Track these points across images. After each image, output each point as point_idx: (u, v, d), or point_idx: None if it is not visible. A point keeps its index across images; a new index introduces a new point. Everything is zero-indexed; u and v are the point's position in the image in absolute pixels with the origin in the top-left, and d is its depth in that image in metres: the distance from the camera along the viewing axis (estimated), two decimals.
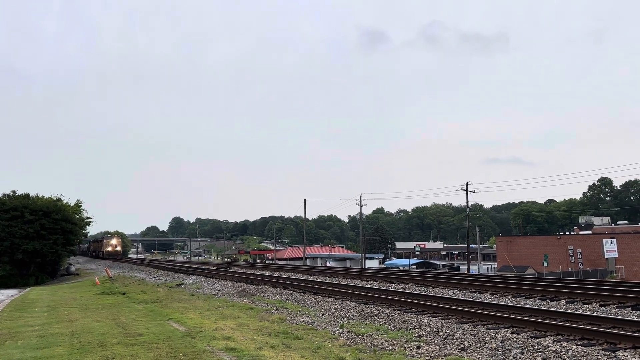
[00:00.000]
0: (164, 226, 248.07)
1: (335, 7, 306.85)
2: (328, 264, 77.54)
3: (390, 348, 9.46)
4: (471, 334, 10.11)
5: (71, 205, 47.85)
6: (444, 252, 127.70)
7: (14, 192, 44.51)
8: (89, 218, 52.05)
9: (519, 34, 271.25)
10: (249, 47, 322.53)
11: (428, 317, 12.29)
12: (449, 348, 9.38)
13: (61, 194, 47.33)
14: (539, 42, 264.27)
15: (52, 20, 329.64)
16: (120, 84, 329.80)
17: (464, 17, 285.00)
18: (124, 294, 22.56)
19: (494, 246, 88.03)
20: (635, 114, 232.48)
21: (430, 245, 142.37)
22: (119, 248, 73.14)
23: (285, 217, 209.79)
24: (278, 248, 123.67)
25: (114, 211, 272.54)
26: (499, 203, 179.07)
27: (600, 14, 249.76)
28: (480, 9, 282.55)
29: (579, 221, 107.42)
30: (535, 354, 8.51)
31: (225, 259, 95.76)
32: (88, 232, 63.12)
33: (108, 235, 74.68)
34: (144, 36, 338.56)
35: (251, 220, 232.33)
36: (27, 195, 44.14)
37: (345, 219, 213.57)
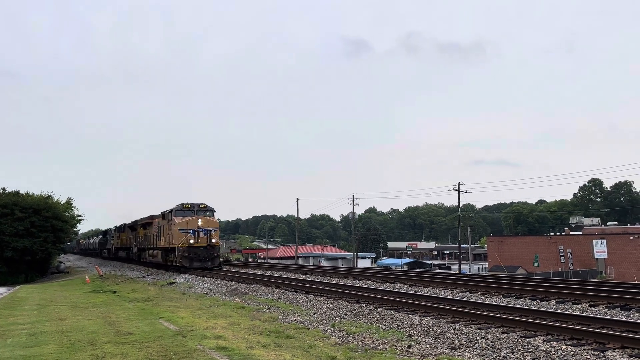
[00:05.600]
0: None
1: (321, 17, 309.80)
2: (320, 263, 77.58)
3: (382, 347, 9.48)
4: (462, 334, 10.15)
5: (62, 203, 47.54)
6: (436, 252, 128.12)
7: (3, 189, 44.14)
8: (80, 216, 51.78)
9: (495, 44, 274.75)
10: (242, 47, 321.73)
11: (419, 316, 12.32)
12: (440, 347, 9.41)
13: (52, 192, 47.06)
14: (517, 50, 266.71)
15: (45, 18, 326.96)
16: (113, 83, 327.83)
17: (438, 28, 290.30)
18: (114, 292, 22.44)
19: (485, 246, 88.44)
20: (615, 117, 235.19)
21: (422, 245, 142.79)
22: (215, 240, 32.36)
23: (278, 216, 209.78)
24: (270, 247, 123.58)
25: (105, 210, 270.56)
26: (490, 203, 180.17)
27: (577, 24, 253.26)
28: (454, 20, 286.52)
29: (570, 222, 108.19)
30: (525, 354, 8.56)
31: None
32: (79, 230, 62.59)
33: (184, 208, 32.85)
34: (137, 35, 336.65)
35: (243, 219, 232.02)
36: (17, 193, 43.77)
37: (338, 219, 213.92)
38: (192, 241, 31.12)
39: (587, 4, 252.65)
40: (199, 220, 31.71)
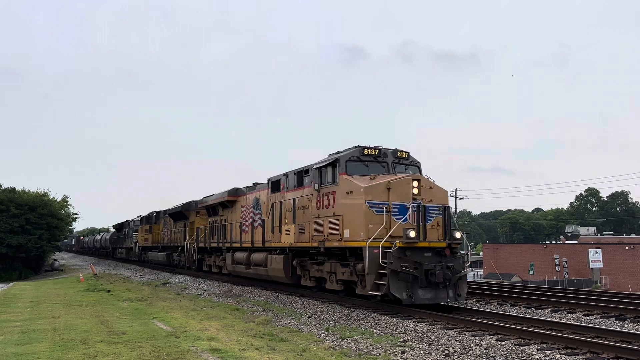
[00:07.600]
0: None
1: (319, 22, 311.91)
2: None
3: (375, 352, 9.46)
4: (456, 340, 10.13)
5: (57, 200, 47.45)
6: None
7: None
8: (76, 214, 51.73)
9: (490, 53, 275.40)
10: (242, 47, 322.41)
11: (414, 322, 12.29)
12: (434, 354, 9.39)
13: (48, 189, 46.98)
14: (513, 60, 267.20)
15: (44, 16, 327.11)
16: (112, 82, 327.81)
17: (434, 37, 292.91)
18: (108, 291, 22.35)
19: (481, 253, 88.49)
20: (611, 127, 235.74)
21: None
22: (459, 234, 13.56)
23: None
24: None
25: (101, 210, 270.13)
26: (487, 210, 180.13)
27: (567, 37, 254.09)
28: (450, 30, 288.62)
29: (566, 231, 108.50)
30: None
31: None
32: (74, 228, 62.43)
33: (366, 156, 13.82)
34: (137, 34, 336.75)
35: None
36: (12, 189, 43.70)
37: None
38: (412, 234, 12.77)
39: (583, 15, 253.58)
40: (415, 184, 13.49)
